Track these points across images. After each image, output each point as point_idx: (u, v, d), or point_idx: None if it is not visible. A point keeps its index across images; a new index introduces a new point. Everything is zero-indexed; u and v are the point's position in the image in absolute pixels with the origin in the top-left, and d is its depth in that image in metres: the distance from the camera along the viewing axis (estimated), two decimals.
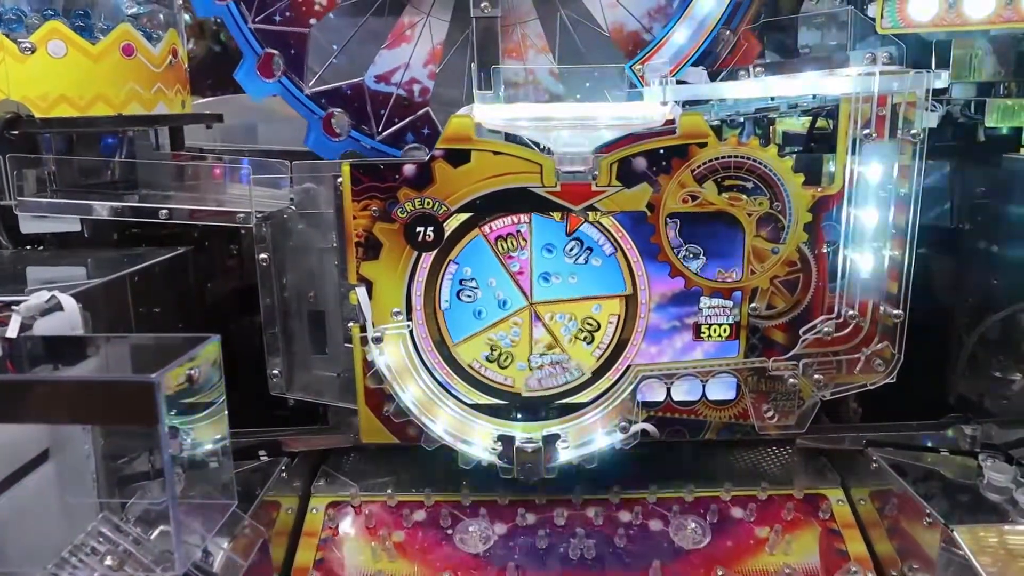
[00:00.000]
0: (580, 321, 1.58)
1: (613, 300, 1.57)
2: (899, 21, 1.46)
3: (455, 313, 1.58)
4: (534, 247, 1.55)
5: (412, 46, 1.81)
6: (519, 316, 1.58)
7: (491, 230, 1.54)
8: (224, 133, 2.59)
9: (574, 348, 1.59)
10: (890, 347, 1.57)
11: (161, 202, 1.68)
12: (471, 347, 1.59)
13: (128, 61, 1.75)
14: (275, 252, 1.64)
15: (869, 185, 1.51)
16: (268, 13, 1.78)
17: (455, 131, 1.48)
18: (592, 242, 1.54)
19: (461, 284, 1.56)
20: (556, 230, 1.54)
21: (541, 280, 1.56)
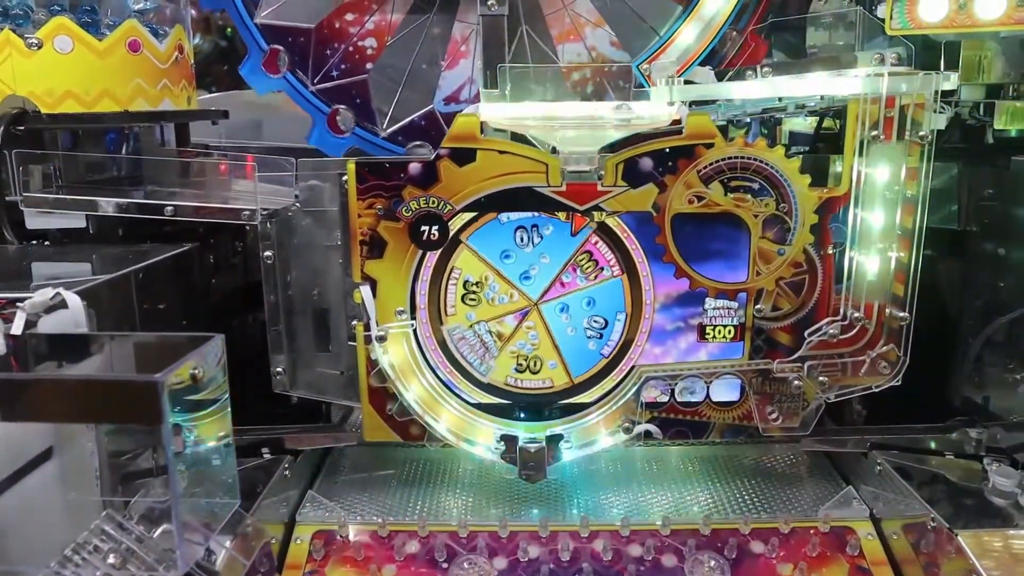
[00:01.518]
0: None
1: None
2: (909, 22, 1.45)
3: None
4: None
5: (471, 60, 1.81)
6: (529, 320, 1.57)
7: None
8: (229, 129, 2.59)
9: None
10: (895, 350, 1.56)
11: (166, 199, 1.68)
12: (500, 369, 1.60)
13: (134, 57, 1.74)
14: (280, 249, 1.63)
15: (876, 187, 1.50)
16: (326, 72, 1.80)
17: (460, 130, 1.48)
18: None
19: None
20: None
21: (524, 280, 1.56)
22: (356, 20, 1.81)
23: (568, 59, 1.81)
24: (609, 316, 1.57)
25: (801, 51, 1.86)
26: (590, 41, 1.81)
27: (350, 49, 1.82)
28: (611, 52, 1.81)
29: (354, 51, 1.82)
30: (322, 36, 1.81)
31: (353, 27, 1.81)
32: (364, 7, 1.81)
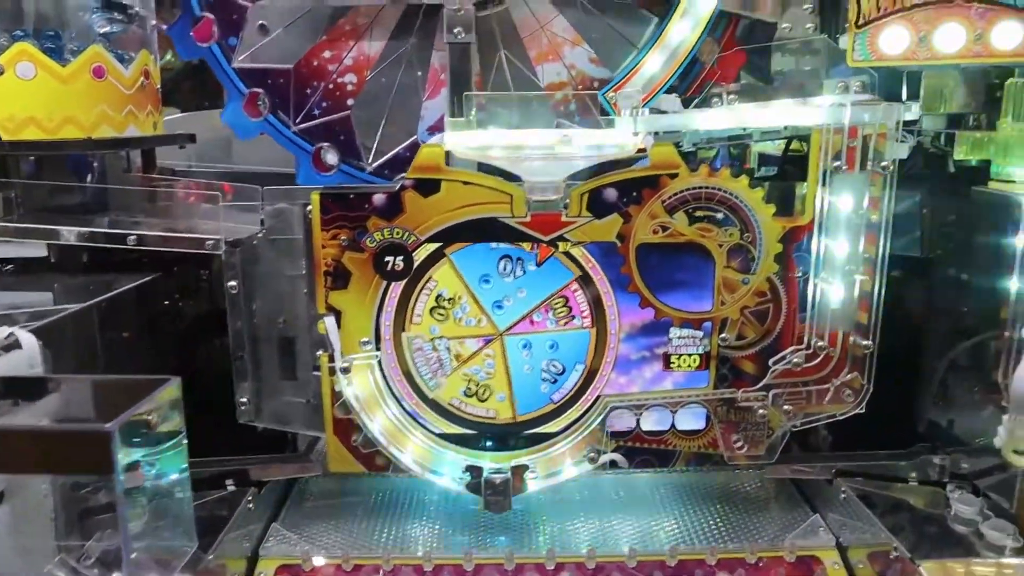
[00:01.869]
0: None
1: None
2: (870, 54, 1.47)
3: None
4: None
5: (353, 43, 1.77)
6: (490, 348, 1.56)
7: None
8: (200, 151, 2.56)
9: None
10: (859, 378, 1.57)
11: (130, 227, 1.66)
12: (449, 387, 1.58)
13: (98, 83, 1.72)
14: (244, 279, 1.62)
15: (840, 216, 1.51)
16: (307, 111, 1.79)
17: (425, 160, 1.48)
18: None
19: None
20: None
21: (496, 309, 1.55)
22: (334, 57, 1.80)
23: (548, 80, 1.80)
24: (568, 364, 1.57)
25: (767, 73, 1.87)
26: (568, 60, 1.80)
27: (330, 87, 1.81)
28: (591, 69, 1.80)
29: (334, 88, 1.81)
30: (301, 76, 1.80)
31: (332, 64, 1.80)
32: (342, 44, 1.80)
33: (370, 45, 1.80)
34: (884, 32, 1.45)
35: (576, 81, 1.80)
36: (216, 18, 1.78)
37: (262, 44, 1.79)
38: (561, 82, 1.80)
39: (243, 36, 1.80)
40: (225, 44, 1.79)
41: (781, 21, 1.77)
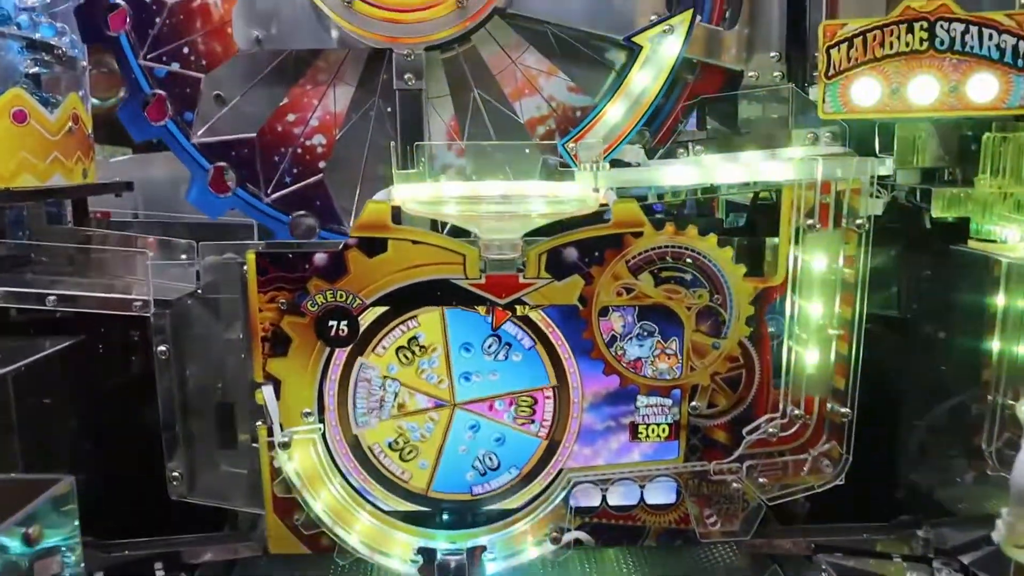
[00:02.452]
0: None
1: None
2: (841, 106, 1.39)
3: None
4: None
5: (428, 135, 1.70)
6: (437, 412, 1.45)
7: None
8: (147, 195, 2.44)
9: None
10: (838, 447, 1.47)
11: (49, 285, 1.53)
12: (378, 431, 1.46)
13: (19, 128, 1.60)
14: (177, 342, 1.49)
15: (813, 275, 1.43)
16: (278, 180, 1.73)
17: (370, 218, 1.37)
18: (511, 337, 1.43)
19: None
20: (474, 325, 1.42)
21: (462, 379, 1.43)
22: (299, 119, 1.72)
23: (528, 115, 1.73)
24: (505, 463, 1.47)
25: (735, 118, 1.80)
26: (547, 91, 1.73)
27: (299, 151, 1.72)
28: (571, 98, 1.73)
29: (303, 152, 1.73)
30: (266, 143, 1.71)
31: (297, 127, 1.72)
32: (305, 104, 1.72)
33: (335, 103, 1.71)
34: (855, 84, 1.37)
35: (558, 113, 1.72)
36: (168, 94, 1.72)
37: (221, 115, 1.70)
38: (542, 115, 1.74)
39: (199, 110, 1.72)
40: (181, 120, 1.73)
41: (747, 69, 1.70)
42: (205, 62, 1.72)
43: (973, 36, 1.32)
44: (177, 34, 1.71)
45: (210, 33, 1.72)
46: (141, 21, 1.71)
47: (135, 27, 1.70)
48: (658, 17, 1.62)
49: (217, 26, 1.71)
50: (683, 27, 1.58)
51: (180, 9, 1.71)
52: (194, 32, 1.71)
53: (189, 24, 1.72)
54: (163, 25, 1.71)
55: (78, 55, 1.78)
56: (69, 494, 0.90)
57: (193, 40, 1.71)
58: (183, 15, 1.71)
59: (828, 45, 1.37)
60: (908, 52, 1.34)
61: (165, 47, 1.71)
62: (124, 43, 1.71)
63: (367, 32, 1.58)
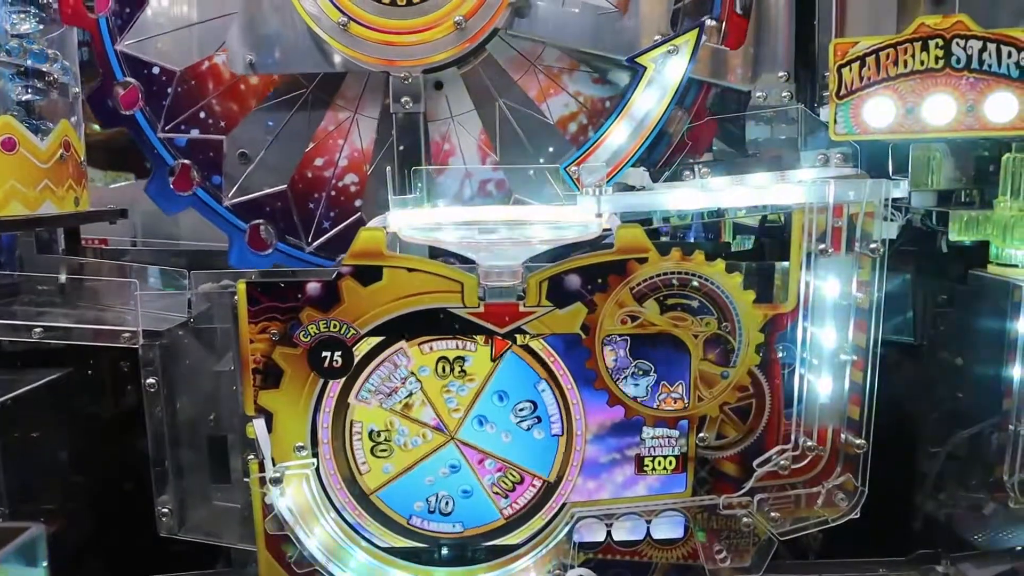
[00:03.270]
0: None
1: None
2: (854, 127, 1.34)
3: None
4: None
5: (459, 156, 1.69)
6: (432, 434, 1.39)
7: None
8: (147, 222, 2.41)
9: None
10: (852, 479, 1.41)
11: (37, 316, 1.49)
12: (370, 413, 1.39)
13: (8, 157, 1.57)
14: (166, 375, 1.45)
15: (826, 302, 1.38)
16: (317, 228, 1.73)
17: (364, 246, 1.32)
18: (545, 413, 1.38)
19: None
20: (522, 380, 1.37)
21: (476, 421, 1.39)
22: (328, 162, 1.70)
23: (557, 114, 1.70)
24: (456, 516, 1.42)
25: (742, 139, 1.76)
26: (572, 88, 1.69)
27: (332, 194, 1.69)
28: (597, 90, 1.70)
29: (337, 194, 1.70)
30: (299, 192, 1.69)
31: (327, 170, 1.69)
32: (332, 146, 1.70)
33: (360, 138, 1.68)
34: (868, 103, 1.33)
35: (587, 107, 1.68)
36: (193, 162, 1.72)
37: (248, 172, 1.69)
38: (571, 112, 1.70)
39: (226, 171, 1.72)
40: (210, 185, 1.73)
41: (755, 89, 1.66)
42: (224, 123, 1.71)
43: (991, 54, 1.27)
44: (191, 100, 1.72)
45: (223, 93, 1.72)
46: (153, 95, 1.72)
47: (148, 102, 1.72)
48: (662, 37, 1.58)
49: (229, 85, 1.70)
50: (688, 47, 1.54)
51: (189, 75, 1.71)
52: (207, 94, 1.71)
53: (201, 88, 1.72)
54: (175, 95, 1.71)
55: (70, 81, 1.75)
56: (38, 542, 0.85)
57: (208, 103, 1.71)
58: (193, 80, 1.72)
59: (839, 64, 1.33)
60: (923, 70, 1.29)
61: (181, 116, 1.71)
62: (141, 120, 1.72)
63: (363, 55, 1.54)
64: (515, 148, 1.67)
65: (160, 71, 1.70)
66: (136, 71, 1.71)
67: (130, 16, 1.71)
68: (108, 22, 1.70)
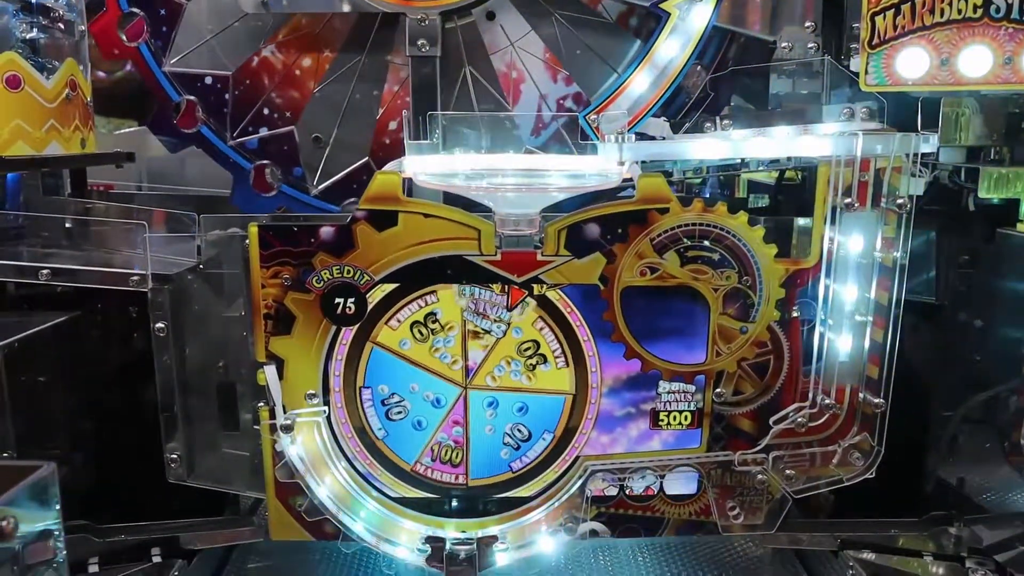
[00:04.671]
0: (518, 355, 1.37)
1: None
2: (886, 78, 1.30)
3: (396, 435, 1.39)
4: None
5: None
6: (457, 411, 1.38)
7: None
8: (152, 168, 2.37)
9: (538, 381, 1.37)
10: (869, 439, 1.40)
11: (44, 259, 1.46)
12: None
13: (13, 95, 1.52)
14: (176, 319, 1.42)
15: (849, 258, 1.35)
16: None
17: (380, 190, 1.29)
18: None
19: (385, 404, 1.37)
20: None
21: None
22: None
23: (615, 11, 1.64)
24: (536, 431, 1.39)
25: (763, 95, 1.71)
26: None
27: None
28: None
29: None
30: (382, 161, 1.64)
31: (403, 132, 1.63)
32: (401, 107, 1.65)
33: None
34: (901, 54, 1.29)
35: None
36: (271, 161, 1.72)
37: (327, 156, 1.69)
38: (629, 6, 1.62)
39: (303, 160, 1.71)
40: (294, 179, 1.74)
41: (780, 40, 1.61)
42: (289, 113, 1.69)
43: None
44: (251, 100, 1.70)
45: (281, 84, 1.69)
46: (212, 105, 1.70)
47: (210, 114, 1.70)
48: None
49: (284, 74, 1.68)
50: None
51: (242, 76, 1.69)
52: (265, 90, 1.69)
53: (257, 85, 1.70)
54: (234, 99, 1.69)
55: (76, 18, 1.69)
56: (50, 481, 0.83)
57: (268, 98, 1.69)
58: (247, 79, 1.70)
59: (873, 11, 1.29)
60: (960, 20, 1.25)
61: (246, 118, 1.70)
62: (207, 133, 1.71)
63: None
64: (582, 57, 1.63)
65: (213, 80, 1.69)
66: (189, 87, 1.71)
67: (167, 35, 1.69)
68: (149, 47, 1.68)
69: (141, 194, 2.16)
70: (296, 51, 1.68)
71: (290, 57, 1.68)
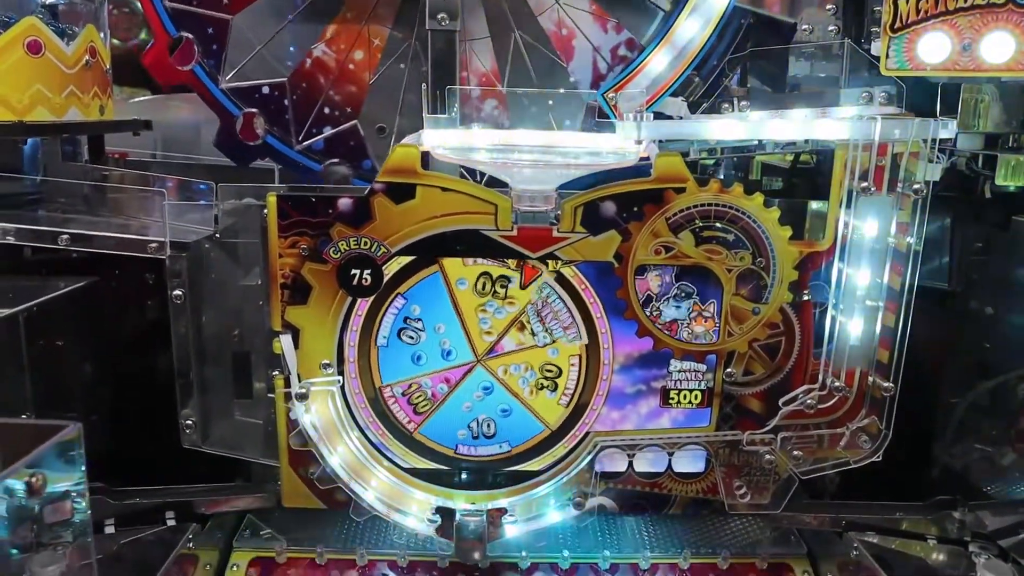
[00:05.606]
0: (538, 370, 1.39)
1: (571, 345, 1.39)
2: (906, 63, 1.30)
3: (391, 352, 1.39)
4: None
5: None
6: (484, 380, 1.40)
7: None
8: (167, 136, 2.37)
9: (536, 400, 1.41)
10: (877, 422, 1.41)
11: (63, 224, 1.47)
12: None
13: (34, 60, 1.53)
14: (193, 286, 1.44)
15: (864, 242, 1.35)
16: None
17: (398, 162, 1.29)
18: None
19: (405, 322, 1.37)
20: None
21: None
22: None
23: None
24: (500, 436, 1.43)
25: (779, 79, 1.71)
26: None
27: None
28: None
29: None
30: None
31: None
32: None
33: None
34: (923, 38, 1.28)
35: None
36: (340, 158, 1.73)
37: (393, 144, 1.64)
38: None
39: (372, 152, 1.72)
40: (364, 172, 1.74)
41: (800, 22, 1.61)
42: (349, 108, 1.70)
43: None
44: (310, 102, 1.71)
45: (336, 81, 1.70)
46: (273, 114, 1.71)
47: (272, 123, 1.71)
48: None
49: (338, 71, 1.70)
50: None
51: (297, 80, 1.71)
52: (322, 90, 1.70)
53: (313, 87, 1.71)
54: (293, 104, 1.71)
55: None
56: (76, 440, 0.85)
57: (327, 96, 1.70)
58: (303, 82, 1.71)
59: None
60: (984, 5, 1.24)
61: (308, 121, 1.70)
62: (273, 142, 1.72)
63: None
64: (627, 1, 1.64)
65: (269, 88, 1.70)
66: (248, 100, 1.71)
67: (218, 53, 1.69)
68: (203, 67, 1.68)
69: (156, 162, 2.16)
70: (347, 45, 1.68)
71: (342, 52, 1.68)
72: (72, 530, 0.95)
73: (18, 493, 0.80)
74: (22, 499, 0.81)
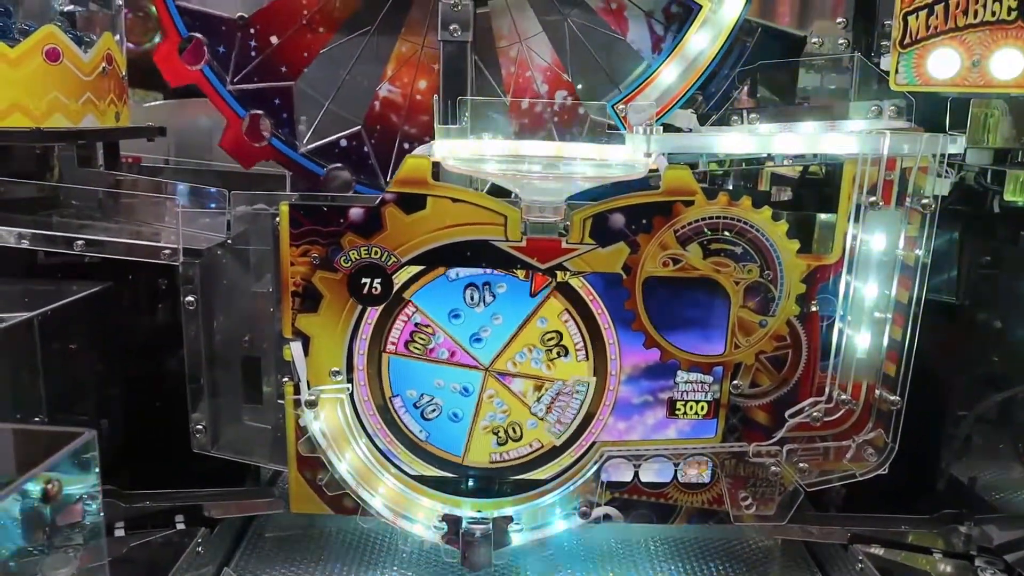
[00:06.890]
0: (540, 343, 1.39)
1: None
2: (916, 78, 1.31)
3: (400, 361, 1.40)
4: (436, 321, 1.38)
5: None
6: (489, 388, 1.40)
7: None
8: (180, 141, 2.39)
9: (558, 370, 1.40)
10: (883, 435, 1.41)
11: (78, 230, 1.49)
12: (478, 448, 1.43)
13: (52, 67, 1.55)
14: (205, 293, 1.45)
15: (871, 256, 1.35)
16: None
17: (409, 173, 1.31)
18: (479, 279, 1.37)
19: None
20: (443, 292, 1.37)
21: (474, 343, 1.39)
22: None
23: None
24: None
25: (789, 90, 1.72)
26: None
27: None
28: None
29: None
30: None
31: None
32: None
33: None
34: (933, 54, 1.29)
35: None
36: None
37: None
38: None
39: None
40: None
41: (811, 35, 1.61)
42: (427, 137, 1.65)
43: None
44: (388, 141, 1.70)
45: (408, 115, 1.70)
46: (356, 164, 1.71)
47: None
48: None
49: (407, 106, 1.69)
50: None
51: (372, 122, 1.71)
52: (397, 127, 1.70)
53: (389, 127, 1.71)
54: (373, 149, 1.71)
55: None
56: (91, 447, 0.86)
57: (403, 131, 1.70)
58: (378, 124, 1.71)
59: (906, 11, 1.29)
60: (994, 22, 1.25)
61: (391, 159, 1.70)
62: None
63: None
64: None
65: (347, 140, 1.71)
66: (329, 156, 1.72)
67: (288, 121, 1.71)
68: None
69: (169, 167, 2.18)
70: (409, 78, 1.68)
71: (406, 86, 1.69)
72: (84, 533, 0.96)
73: (33, 498, 0.82)
74: (37, 504, 0.83)
